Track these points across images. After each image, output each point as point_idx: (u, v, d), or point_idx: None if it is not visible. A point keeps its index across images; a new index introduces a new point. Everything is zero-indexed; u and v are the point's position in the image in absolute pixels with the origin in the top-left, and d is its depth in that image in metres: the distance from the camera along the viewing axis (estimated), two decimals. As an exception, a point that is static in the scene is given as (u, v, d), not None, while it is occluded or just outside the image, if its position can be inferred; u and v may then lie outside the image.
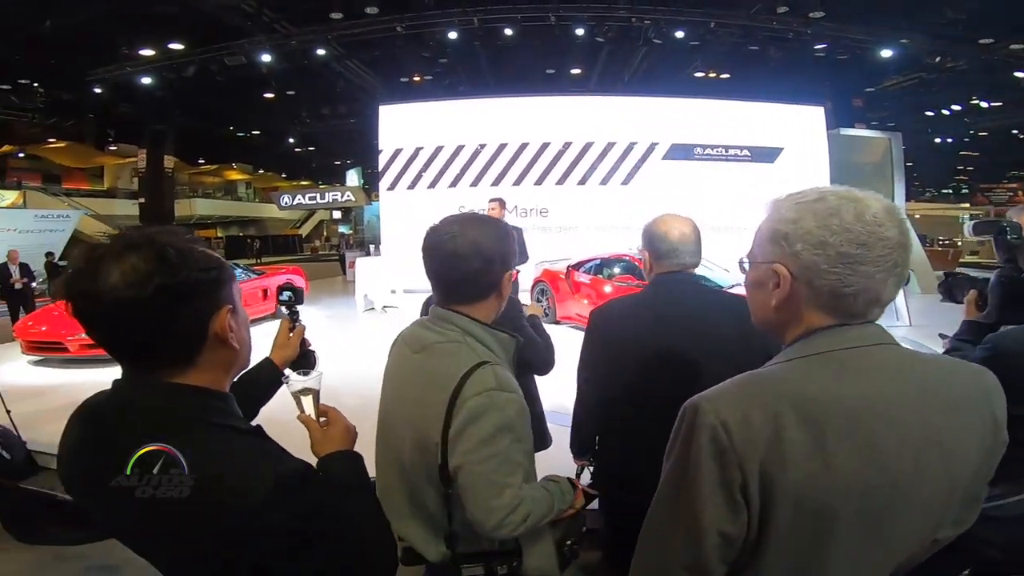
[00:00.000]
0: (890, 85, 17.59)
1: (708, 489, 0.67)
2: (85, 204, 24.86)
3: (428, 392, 1.06)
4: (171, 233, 0.79)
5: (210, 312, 0.80)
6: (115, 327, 0.75)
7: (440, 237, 1.12)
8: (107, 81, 14.42)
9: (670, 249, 1.54)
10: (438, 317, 1.15)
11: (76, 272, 0.74)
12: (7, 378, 6.18)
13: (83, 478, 0.81)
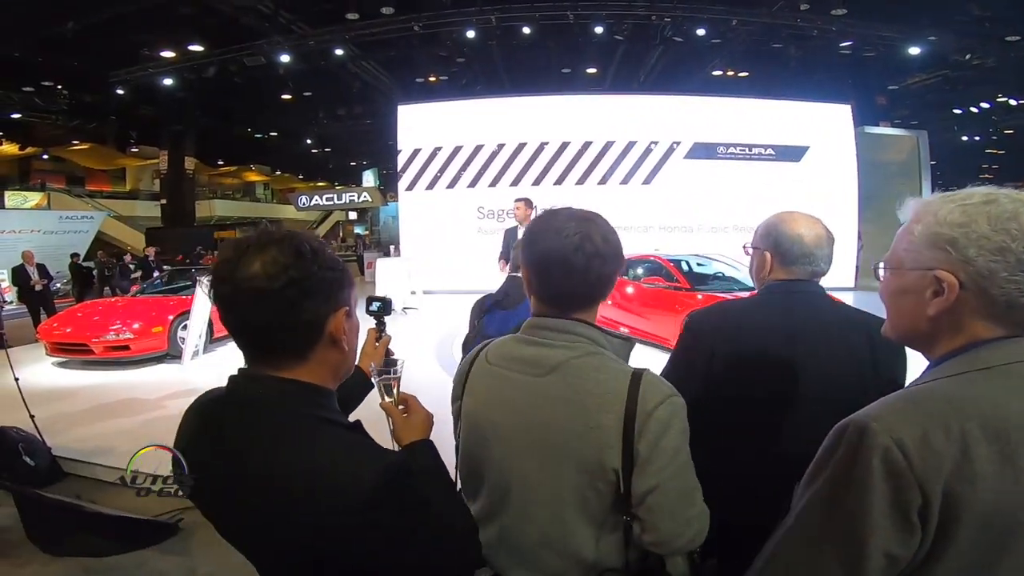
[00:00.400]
0: (913, 83, 17.22)
1: (879, 512, 0.65)
2: (108, 205, 25.29)
3: (582, 417, 0.92)
4: (307, 233, 0.88)
5: (329, 311, 0.84)
6: (248, 313, 0.80)
7: (561, 239, 0.97)
8: (128, 83, 14.61)
9: (804, 253, 1.34)
10: (554, 329, 1.00)
11: (224, 260, 0.81)
12: (31, 380, 6.18)
13: (195, 471, 0.86)
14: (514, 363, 1.03)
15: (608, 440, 0.90)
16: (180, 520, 3.16)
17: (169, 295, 7.61)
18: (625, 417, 0.90)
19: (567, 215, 1.02)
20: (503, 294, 2.16)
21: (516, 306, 2.05)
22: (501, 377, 1.04)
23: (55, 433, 4.25)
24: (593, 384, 0.94)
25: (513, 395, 1.01)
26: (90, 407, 5.11)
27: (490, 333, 2.02)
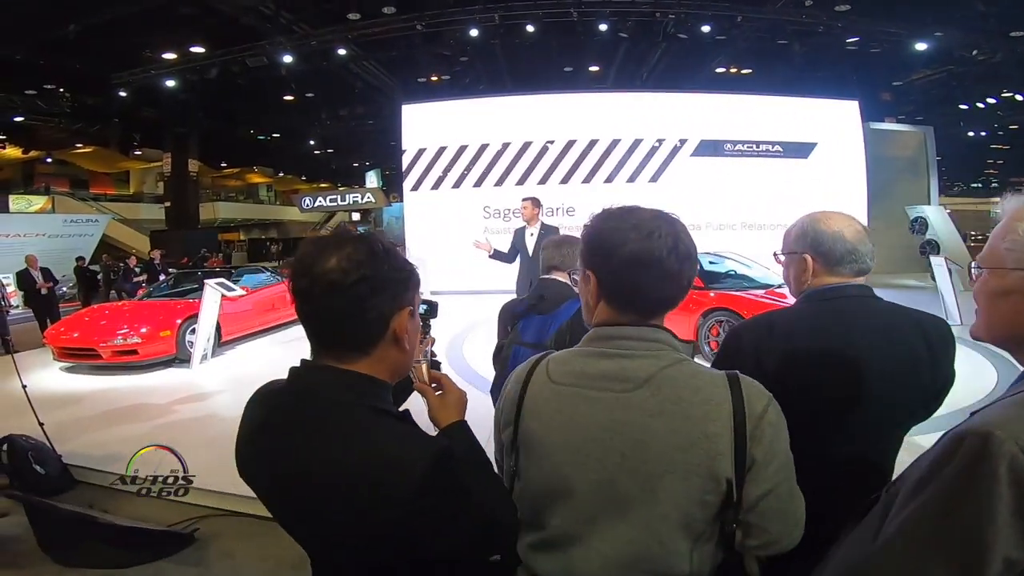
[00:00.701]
0: (918, 79, 17.13)
1: (1003, 519, 0.64)
2: (112, 209, 25.33)
3: (686, 429, 0.88)
4: (381, 234, 0.94)
5: (394, 309, 0.90)
6: (321, 305, 0.86)
7: (653, 240, 0.92)
8: (131, 84, 14.61)
9: (848, 251, 1.27)
10: (634, 338, 0.94)
11: (304, 256, 0.88)
12: (39, 386, 6.16)
13: (258, 458, 0.92)
14: (591, 380, 0.95)
15: (719, 449, 0.86)
16: (196, 530, 3.12)
17: (176, 298, 7.58)
18: (735, 423, 0.87)
19: (650, 214, 0.97)
20: (537, 297, 2.02)
21: (554, 310, 1.94)
22: (576, 397, 0.95)
23: (64, 440, 4.20)
24: (692, 393, 0.89)
25: (597, 415, 0.92)
26: (100, 413, 5.08)
27: (528, 340, 1.93)
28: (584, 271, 1.01)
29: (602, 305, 0.98)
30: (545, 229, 5.32)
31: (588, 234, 1.01)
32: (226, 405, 5.14)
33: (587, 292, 1.01)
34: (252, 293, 7.86)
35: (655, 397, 0.89)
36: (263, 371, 4.86)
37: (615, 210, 1.01)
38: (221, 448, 4.12)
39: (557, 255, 2.08)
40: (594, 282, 0.98)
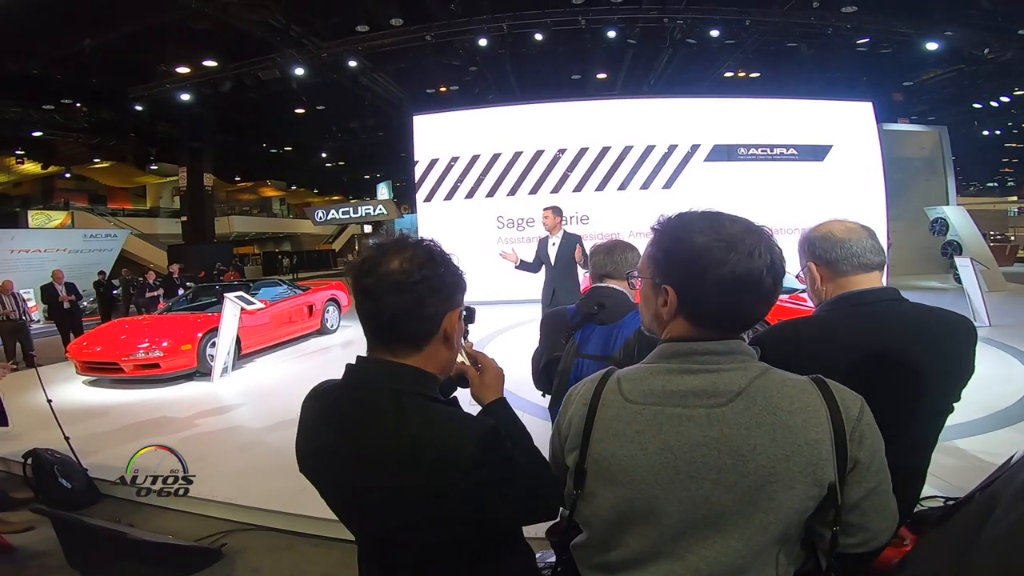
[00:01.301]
0: (929, 78, 16.95)
1: None
2: (130, 224, 25.75)
3: (788, 437, 0.86)
4: (437, 241, 1.03)
5: (447, 309, 0.99)
6: (383, 300, 0.93)
7: (754, 260, 0.89)
8: (146, 99, 14.85)
9: (841, 247, 1.31)
10: (720, 352, 0.91)
11: (368, 258, 0.97)
12: (62, 399, 6.24)
13: (318, 451, 0.99)
14: (677, 397, 0.91)
15: (821, 454, 0.85)
16: (224, 545, 3.12)
17: (196, 312, 7.64)
18: (833, 428, 0.86)
19: (742, 227, 0.92)
20: (595, 306, 1.88)
21: (618, 319, 1.83)
22: (660, 416, 0.91)
23: (89, 453, 4.22)
24: (788, 402, 0.87)
25: (689, 433, 0.89)
26: (123, 426, 5.11)
27: (592, 352, 1.83)
28: (657, 284, 0.95)
29: (680, 321, 0.94)
30: (567, 238, 5.30)
31: (669, 247, 0.94)
32: (248, 417, 5.18)
33: (657, 305, 0.96)
34: (270, 306, 7.91)
35: (750, 409, 0.87)
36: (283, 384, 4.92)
37: (697, 219, 0.95)
38: (246, 460, 4.18)
39: (609, 262, 1.98)
40: (673, 299, 0.92)
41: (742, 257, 0.88)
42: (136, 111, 15.41)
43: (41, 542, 3.15)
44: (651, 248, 0.99)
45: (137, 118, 16.66)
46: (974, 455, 3.50)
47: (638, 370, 0.97)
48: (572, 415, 1.00)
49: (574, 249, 5.15)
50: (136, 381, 6.43)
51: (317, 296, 9.09)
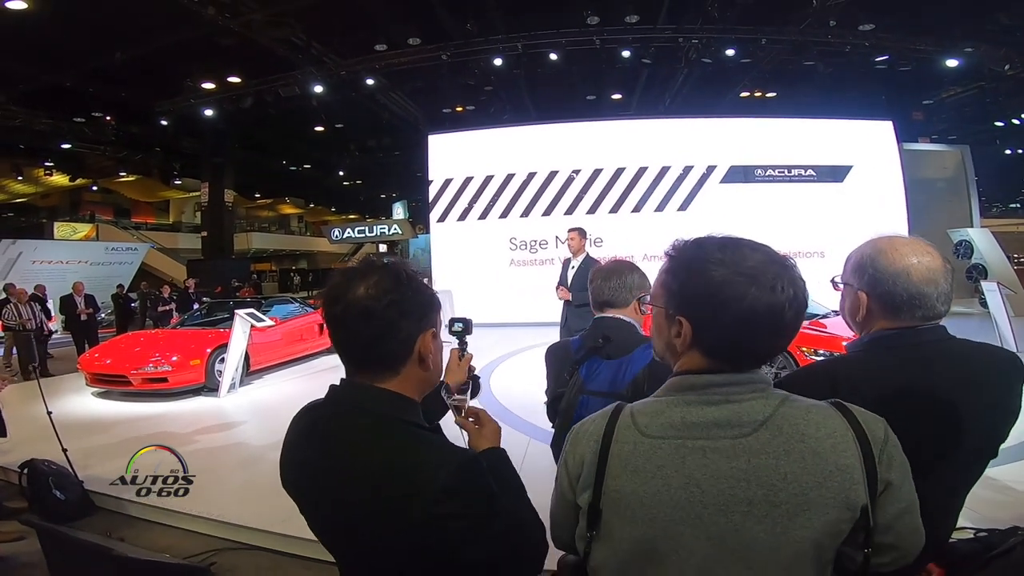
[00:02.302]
0: (948, 96, 16.68)
1: None
2: (151, 237, 26.28)
3: (818, 464, 0.83)
4: (403, 263, 1.03)
5: (419, 331, 0.98)
6: (354, 328, 0.94)
7: (776, 295, 0.84)
8: (172, 113, 15.20)
9: (913, 295, 1.12)
10: (740, 383, 0.87)
11: (335, 285, 0.97)
12: (70, 410, 6.32)
13: (298, 467, 1.00)
14: (699, 429, 0.86)
15: (853, 478, 0.83)
16: (213, 564, 3.05)
17: (207, 328, 7.68)
18: (862, 451, 0.84)
19: (762, 257, 0.87)
20: (600, 338, 1.72)
21: (626, 353, 1.68)
22: (682, 449, 0.87)
23: (88, 466, 4.24)
24: (814, 428, 0.85)
25: (715, 466, 0.84)
26: (124, 439, 5.10)
27: (597, 388, 1.68)
28: (671, 314, 0.90)
29: (695, 353, 0.89)
30: (587, 261, 5.22)
31: (685, 278, 0.89)
32: (250, 434, 5.14)
33: (670, 336, 0.92)
34: (281, 324, 7.92)
35: (777, 438, 0.84)
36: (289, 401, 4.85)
37: (715, 248, 0.89)
38: (244, 478, 4.11)
39: (607, 288, 1.81)
40: (688, 331, 0.88)
41: (763, 292, 0.84)
42: (162, 126, 15.77)
43: (31, 553, 3.11)
44: (665, 276, 0.93)
45: (163, 133, 17.05)
46: (1005, 484, 3.41)
47: (652, 404, 0.92)
48: (583, 452, 0.93)
49: (587, 274, 5.08)
50: (144, 395, 6.44)
51: (329, 315, 9.09)
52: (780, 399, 0.87)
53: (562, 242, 11.99)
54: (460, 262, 12.30)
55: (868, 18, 11.87)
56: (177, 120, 15.55)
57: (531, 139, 12.67)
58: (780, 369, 5.11)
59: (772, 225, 11.51)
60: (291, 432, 1.04)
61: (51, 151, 19.47)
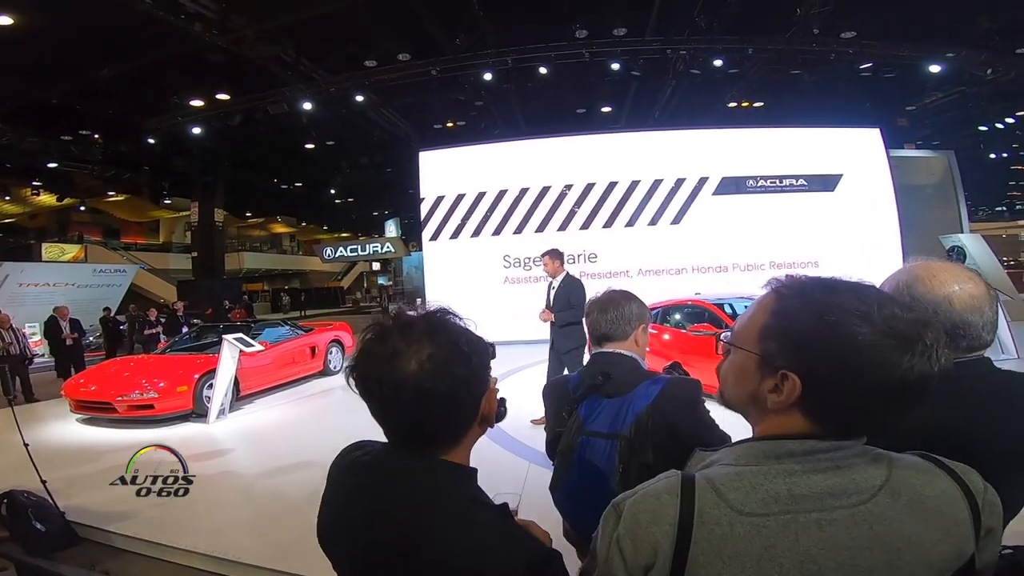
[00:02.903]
0: (930, 102, 16.89)
1: None
2: (142, 258, 26.03)
3: (939, 522, 0.78)
4: (449, 316, 0.88)
5: (483, 393, 0.88)
6: (407, 411, 0.81)
7: (930, 363, 0.73)
8: (160, 131, 15.05)
9: (954, 325, 1.04)
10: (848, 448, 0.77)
11: (372, 356, 0.82)
12: (55, 437, 6.18)
13: (350, 529, 0.87)
14: (809, 501, 0.75)
15: (967, 529, 0.79)
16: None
17: (196, 352, 7.50)
18: (968, 503, 0.80)
19: (920, 318, 0.74)
20: (599, 375, 1.60)
21: (626, 392, 1.55)
22: (793, 525, 0.74)
23: (72, 495, 4.13)
24: (929, 487, 0.79)
25: (834, 538, 0.74)
26: (110, 467, 4.92)
27: (597, 429, 1.56)
28: (773, 365, 0.75)
29: (796, 415, 0.76)
30: (567, 280, 5.16)
31: (811, 327, 0.73)
32: (242, 463, 4.98)
33: (761, 388, 0.78)
34: (271, 348, 7.76)
35: (898, 501, 0.76)
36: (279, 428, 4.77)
37: (853, 297, 0.74)
38: (234, 510, 3.96)
39: (604, 321, 1.69)
40: (797, 391, 0.74)
41: (919, 360, 0.71)
42: (151, 144, 15.65)
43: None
44: (772, 319, 0.78)
45: (151, 151, 16.87)
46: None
47: (740, 475, 0.78)
48: (653, 539, 0.76)
49: (569, 293, 5.05)
50: (131, 421, 6.26)
51: (320, 337, 8.95)
52: (888, 459, 0.79)
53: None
54: (454, 281, 12.20)
55: (850, 26, 12.00)
56: (166, 138, 15.41)
57: (523, 154, 12.66)
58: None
59: (766, 236, 11.55)
60: (334, 488, 0.93)
61: (38, 170, 19.23)
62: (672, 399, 1.49)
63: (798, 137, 12.31)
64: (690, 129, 13.10)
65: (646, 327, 1.71)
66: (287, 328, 8.80)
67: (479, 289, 11.70)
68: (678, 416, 1.46)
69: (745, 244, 11.58)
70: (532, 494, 2.83)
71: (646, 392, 1.52)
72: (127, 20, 9.78)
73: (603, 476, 1.48)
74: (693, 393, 1.54)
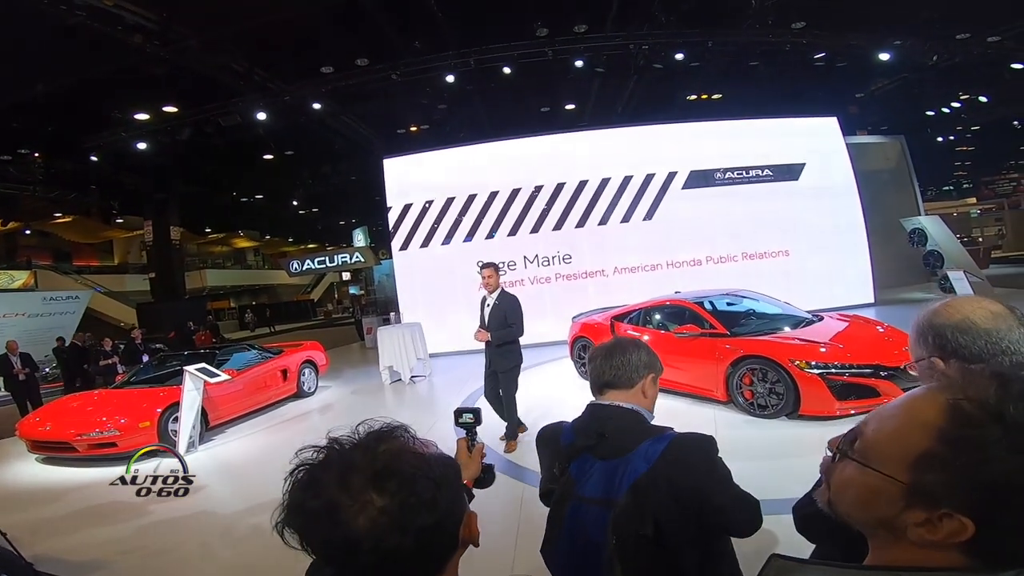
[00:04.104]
0: (877, 89, 17.46)
1: None
2: (96, 281, 24.91)
3: None
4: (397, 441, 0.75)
5: (460, 522, 0.78)
6: (372, 568, 0.68)
7: None
8: (103, 148, 14.31)
9: (987, 343, 0.99)
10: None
11: (306, 515, 0.68)
12: (13, 478, 5.86)
13: None
14: None
15: None
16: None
17: (158, 385, 7.01)
18: None
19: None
20: (594, 435, 1.43)
21: (623, 453, 1.37)
22: None
23: (36, 543, 3.90)
24: None
25: None
26: (77, 510, 4.65)
27: (589, 495, 1.38)
28: (935, 506, 0.58)
29: (953, 553, 0.58)
30: (503, 297, 5.05)
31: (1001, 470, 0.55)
32: (217, 501, 4.66)
33: (900, 517, 0.60)
34: (239, 375, 7.35)
35: None
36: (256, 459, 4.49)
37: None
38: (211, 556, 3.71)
39: (608, 368, 1.52)
40: (969, 532, 0.56)
41: None
42: (96, 162, 14.87)
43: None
44: (942, 449, 0.58)
45: (98, 169, 16.07)
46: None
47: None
48: None
49: (506, 310, 4.95)
50: (93, 459, 5.88)
51: (291, 359, 8.56)
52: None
53: (530, 262, 11.82)
54: (427, 290, 11.96)
55: (800, 16, 12.23)
56: (112, 155, 14.67)
57: (490, 157, 12.47)
58: (774, 383, 4.99)
59: (736, 228, 11.68)
60: None
61: (-25, 194, 18.11)
62: (679, 464, 1.30)
63: (759, 129, 12.49)
64: (654, 124, 13.14)
65: (656, 377, 1.54)
66: (255, 352, 8.41)
67: (454, 297, 11.48)
68: (689, 483, 1.28)
69: (718, 237, 11.69)
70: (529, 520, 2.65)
71: (647, 452, 1.34)
72: (60, 33, 9.23)
73: (596, 547, 1.31)
74: (706, 453, 1.35)
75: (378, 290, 19.98)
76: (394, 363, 9.02)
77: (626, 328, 6.79)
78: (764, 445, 4.45)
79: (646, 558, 1.22)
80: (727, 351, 5.38)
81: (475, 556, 0.90)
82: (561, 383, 7.56)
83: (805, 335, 5.38)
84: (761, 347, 5.20)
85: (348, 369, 11.49)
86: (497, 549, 3.14)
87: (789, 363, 4.84)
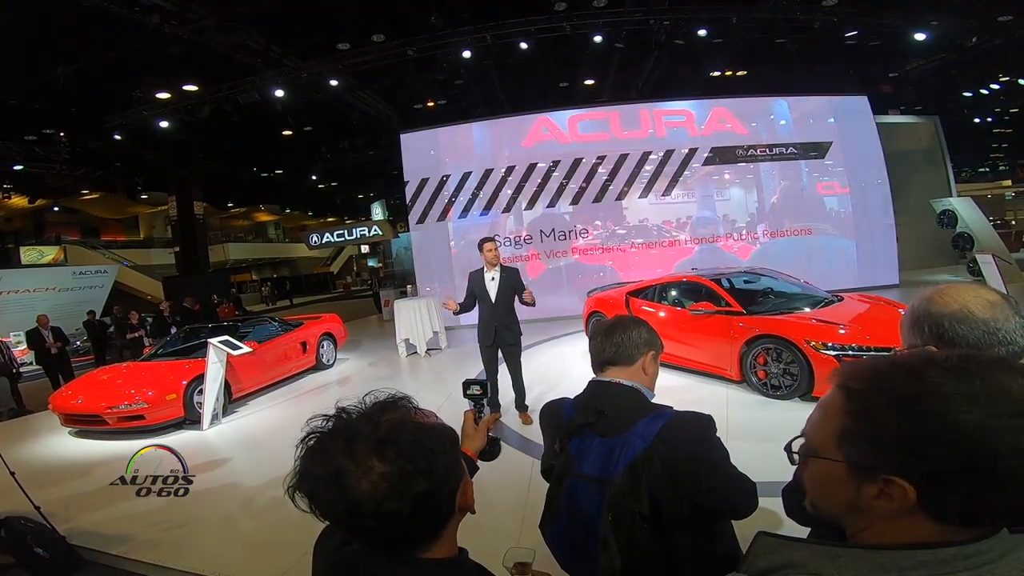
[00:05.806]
0: (912, 68, 16.80)
1: None
2: (123, 255, 25.49)
3: None
4: (399, 410, 0.79)
5: (456, 490, 0.82)
6: (374, 530, 0.75)
7: None
8: (125, 127, 14.58)
9: (985, 332, 0.99)
10: (992, 548, 0.63)
11: (314, 480, 0.73)
12: (47, 452, 6.06)
13: None
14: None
15: None
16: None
17: (183, 357, 7.23)
18: None
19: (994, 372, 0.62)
20: (593, 412, 1.44)
21: (622, 431, 1.38)
22: None
23: (70, 517, 4.06)
24: None
25: None
26: (106, 485, 4.82)
27: (587, 472, 1.40)
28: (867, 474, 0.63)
29: (919, 519, 0.63)
30: (506, 271, 5.06)
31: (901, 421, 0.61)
32: (241, 472, 4.85)
33: (862, 497, 0.65)
34: (261, 347, 7.51)
35: None
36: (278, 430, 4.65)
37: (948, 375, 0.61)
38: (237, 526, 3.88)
39: (609, 345, 1.53)
40: (909, 496, 0.61)
41: None
42: (120, 140, 15.16)
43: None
44: (851, 422, 0.65)
45: (122, 147, 16.38)
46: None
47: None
48: None
49: (515, 283, 4.99)
50: (123, 432, 6.13)
51: (310, 331, 8.74)
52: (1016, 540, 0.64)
53: (547, 236, 11.81)
54: (443, 263, 12.07)
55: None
56: (135, 133, 14.94)
57: (507, 131, 12.40)
58: (789, 364, 4.97)
59: (758, 205, 11.49)
60: (321, 565, 0.90)
61: (5, 173, 18.65)
62: (675, 443, 1.30)
63: (787, 106, 12.17)
64: (676, 100, 12.86)
65: (656, 355, 1.55)
66: (276, 325, 8.61)
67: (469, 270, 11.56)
68: (684, 462, 1.29)
69: (739, 214, 11.54)
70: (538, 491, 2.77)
71: (645, 430, 1.35)
72: (78, 16, 9.34)
73: (592, 524, 1.33)
74: (702, 432, 1.35)
75: (395, 263, 20.18)
76: (410, 336, 9.17)
77: (641, 304, 6.76)
78: (775, 426, 4.43)
79: (641, 536, 1.24)
80: (742, 329, 5.34)
81: (483, 529, 0.96)
82: (575, 358, 7.62)
83: (824, 316, 5.29)
84: (777, 326, 5.13)
85: (367, 341, 11.69)
86: (504, 523, 3.21)
87: (804, 343, 4.78)
